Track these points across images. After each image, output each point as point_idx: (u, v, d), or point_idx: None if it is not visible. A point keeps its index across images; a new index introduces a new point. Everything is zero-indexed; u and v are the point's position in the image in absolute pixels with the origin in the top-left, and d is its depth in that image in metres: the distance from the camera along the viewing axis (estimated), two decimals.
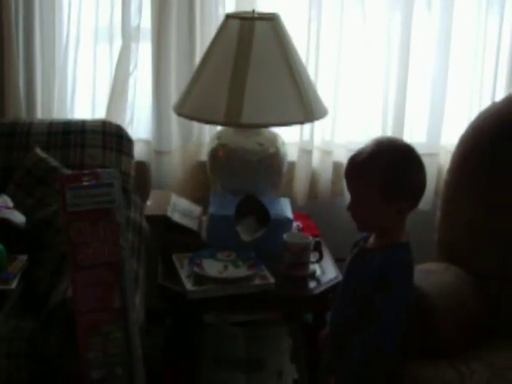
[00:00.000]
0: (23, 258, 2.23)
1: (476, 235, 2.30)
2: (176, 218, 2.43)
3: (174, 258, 2.36)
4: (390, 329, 1.86)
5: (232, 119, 2.35)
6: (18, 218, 2.31)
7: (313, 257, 2.37)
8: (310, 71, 2.67)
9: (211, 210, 2.44)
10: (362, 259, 1.96)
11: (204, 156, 2.72)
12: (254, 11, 2.46)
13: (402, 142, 2.00)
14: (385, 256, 1.88)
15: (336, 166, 2.89)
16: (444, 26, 2.78)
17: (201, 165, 2.83)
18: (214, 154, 2.54)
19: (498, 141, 2.29)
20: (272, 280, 2.25)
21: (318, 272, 2.37)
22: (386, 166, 1.86)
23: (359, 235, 2.03)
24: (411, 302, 1.90)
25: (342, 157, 2.87)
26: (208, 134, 2.85)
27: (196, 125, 2.84)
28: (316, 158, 2.90)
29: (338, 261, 2.38)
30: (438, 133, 2.89)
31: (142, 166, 2.85)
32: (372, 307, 1.86)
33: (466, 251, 2.30)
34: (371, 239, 1.98)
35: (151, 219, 2.44)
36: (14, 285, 2.13)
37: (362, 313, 1.89)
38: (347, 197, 2.00)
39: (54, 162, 2.46)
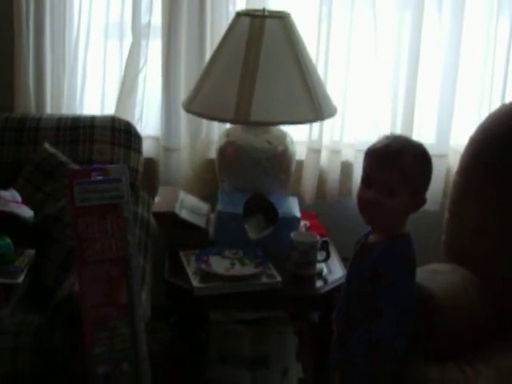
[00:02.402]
0: (31, 252, 2.24)
1: (483, 237, 2.29)
2: (184, 214, 2.43)
3: (181, 254, 2.36)
4: (392, 322, 1.85)
5: (241, 117, 2.35)
6: (26, 212, 2.31)
7: (320, 256, 2.37)
8: (320, 70, 2.67)
9: (219, 207, 2.44)
10: (363, 255, 1.96)
11: (213, 153, 2.72)
12: (264, 9, 2.46)
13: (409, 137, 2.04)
14: (384, 248, 1.89)
15: (344, 165, 2.89)
16: (454, 27, 2.77)
17: (209, 162, 2.83)
18: (222, 151, 2.54)
19: (508, 142, 2.28)
20: (279, 278, 2.25)
21: (325, 271, 2.36)
22: (416, 159, 1.89)
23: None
24: (414, 296, 1.90)
25: (351, 156, 2.87)
26: (217, 131, 2.85)
27: (205, 122, 2.84)
28: (324, 157, 2.89)
29: (344, 260, 2.38)
30: (447, 134, 2.88)
31: (151, 163, 2.86)
32: (374, 301, 1.86)
33: (472, 253, 2.29)
34: (372, 235, 1.98)
35: (159, 216, 2.44)
36: (20, 279, 2.14)
37: (365, 309, 1.89)
38: (355, 196, 2.00)
39: (62, 157, 2.46)
